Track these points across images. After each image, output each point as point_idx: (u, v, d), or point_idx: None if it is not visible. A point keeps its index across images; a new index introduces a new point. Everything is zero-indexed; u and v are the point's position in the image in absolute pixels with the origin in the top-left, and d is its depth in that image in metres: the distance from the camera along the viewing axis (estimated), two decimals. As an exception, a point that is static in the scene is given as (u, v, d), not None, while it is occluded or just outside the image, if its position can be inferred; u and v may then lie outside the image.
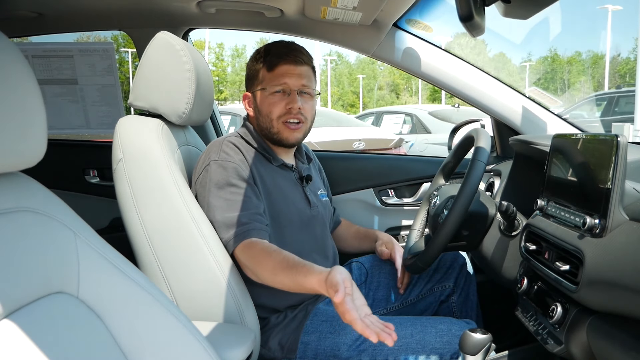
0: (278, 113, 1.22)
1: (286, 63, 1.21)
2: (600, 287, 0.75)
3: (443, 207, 1.20)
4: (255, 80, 1.26)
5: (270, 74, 1.22)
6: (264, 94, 1.23)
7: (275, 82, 1.21)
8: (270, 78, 1.22)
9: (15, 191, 0.61)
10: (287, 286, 1.00)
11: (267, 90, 1.22)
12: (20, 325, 0.55)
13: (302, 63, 1.23)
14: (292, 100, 1.21)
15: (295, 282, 0.97)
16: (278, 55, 1.22)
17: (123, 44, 23.28)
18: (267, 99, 1.22)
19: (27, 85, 0.58)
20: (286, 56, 1.22)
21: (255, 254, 1.05)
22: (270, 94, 1.22)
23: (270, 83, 1.22)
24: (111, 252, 0.69)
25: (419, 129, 7.19)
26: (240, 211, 1.09)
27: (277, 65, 1.21)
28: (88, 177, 1.92)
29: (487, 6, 0.84)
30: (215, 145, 1.19)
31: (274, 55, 1.22)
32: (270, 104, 1.22)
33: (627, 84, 27.22)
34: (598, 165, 0.81)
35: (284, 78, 1.21)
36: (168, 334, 0.70)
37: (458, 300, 1.38)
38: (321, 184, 1.44)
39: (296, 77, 1.22)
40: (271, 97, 1.22)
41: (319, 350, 1.10)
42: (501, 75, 9.87)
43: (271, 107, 1.22)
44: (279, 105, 1.21)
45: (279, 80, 1.21)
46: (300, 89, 1.23)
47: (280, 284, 1.01)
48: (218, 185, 1.12)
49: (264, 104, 1.23)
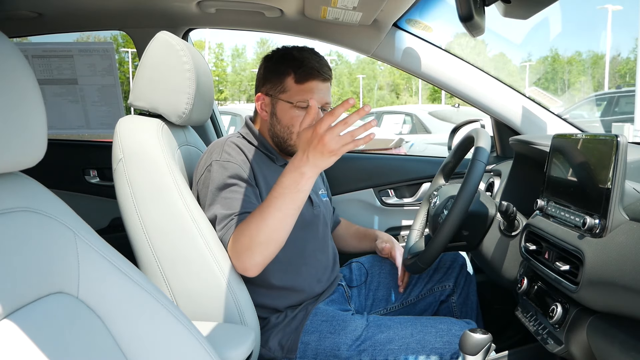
0: (299, 128, 1.21)
1: (317, 79, 1.20)
2: (600, 287, 0.75)
3: (443, 207, 1.20)
4: (279, 86, 1.21)
5: (299, 86, 1.19)
6: (286, 105, 1.21)
7: (303, 96, 1.19)
8: (297, 91, 1.19)
9: (15, 191, 0.61)
10: (281, 220, 0.99)
11: (293, 103, 1.20)
12: (20, 325, 0.55)
13: (328, 79, 1.23)
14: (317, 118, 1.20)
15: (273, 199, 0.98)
16: (310, 70, 1.19)
17: (123, 44, 23.29)
18: (290, 112, 1.20)
19: (27, 85, 0.58)
20: (317, 72, 1.19)
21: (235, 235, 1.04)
22: (295, 107, 1.20)
23: (297, 96, 1.19)
24: (111, 252, 0.69)
25: (419, 129, 7.20)
26: (237, 210, 1.10)
27: (308, 81, 1.19)
28: (88, 177, 1.92)
29: (487, 6, 0.84)
30: (217, 145, 1.18)
31: (306, 68, 1.19)
32: (293, 117, 1.20)
33: (627, 84, 27.23)
34: (598, 165, 0.81)
35: (313, 94, 1.19)
36: (168, 334, 0.70)
37: (458, 300, 1.38)
38: (321, 184, 1.44)
39: (323, 94, 1.21)
40: (295, 110, 1.20)
41: (319, 350, 1.10)
42: (501, 75, 9.85)
43: (294, 121, 1.20)
44: (301, 119, 1.19)
45: (306, 96, 1.19)
46: (323, 107, 1.22)
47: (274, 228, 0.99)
48: (219, 185, 1.12)
49: (286, 116, 1.21)
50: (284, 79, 1.21)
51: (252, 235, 1.01)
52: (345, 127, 0.90)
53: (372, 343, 1.08)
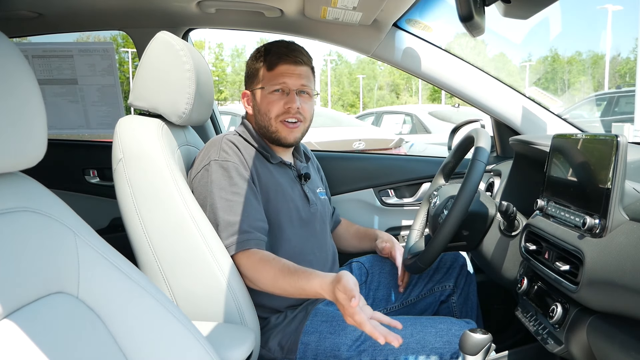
0: (276, 112, 1.22)
1: (286, 63, 1.22)
2: (600, 287, 0.75)
3: (443, 207, 1.20)
4: (255, 79, 1.26)
5: (270, 73, 1.23)
6: (263, 92, 1.24)
7: (274, 81, 1.22)
8: (269, 77, 1.23)
9: (15, 191, 0.61)
10: (288, 292, 1.03)
11: (267, 89, 1.23)
12: (20, 325, 0.55)
13: (302, 63, 1.24)
14: (291, 99, 1.22)
15: (297, 286, 1.00)
16: (278, 55, 1.23)
17: (123, 44, 23.28)
18: (266, 98, 1.23)
19: (27, 85, 0.58)
20: (286, 56, 1.22)
21: (254, 264, 1.08)
22: (269, 92, 1.23)
23: (270, 82, 1.23)
24: (111, 252, 0.69)
25: (419, 129, 7.19)
26: (242, 216, 1.10)
27: (277, 65, 1.22)
28: (88, 177, 1.92)
29: (487, 6, 0.84)
30: (214, 143, 1.19)
31: (274, 55, 1.23)
32: (269, 102, 1.23)
33: (627, 84, 27.22)
34: (598, 165, 0.81)
35: (284, 78, 1.22)
36: (168, 334, 0.70)
37: (458, 300, 1.38)
38: (320, 183, 1.44)
39: (295, 77, 1.23)
40: (270, 96, 1.23)
41: (319, 351, 1.10)
42: (501, 75, 9.85)
43: (270, 106, 1.23)
44: (277, 104, 1.22)
45: (278, 80, 1.22)
46: (300, 89, 1.23)
47: (281, 289, 1.04)
48: (219, 186, 1.12)
49: (263, 103, 1.24)
50: (258, 71, 1.25)
51: (259, 283, 1.08)
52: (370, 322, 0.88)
53: (372, 343, 1.08)
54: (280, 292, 1.05)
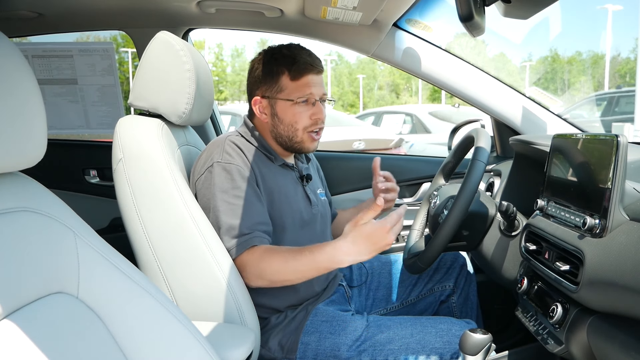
0: (304, 124, 1.21)
1: (311, 73, 1.20)
2: (601, 287, 0.75)
3: (443, 207, 1.20)
4: (275, 87, 1.21)
5: (295, 83, 1.20)
6: (286, 103, 1.20)
7: (301, 92, 1.19)
8: (294, 88, 1.20)
9: (15, 191, 0.61)
10: (300, 270, 1.04)
11: (293, 101, 1.20)
12: (20, 325, 0.55)
13: (321, 71, 1.24)
14: (319, 110, 1.22)
15: (309, 259, 1.02)
16: (304, 65, 1.20)
17: (123, 44, 23.27)
18: (292, 109, 1.20)
19: (27, 85, 0.58)
20: (311, 66, 1.20)
21: (260, 255, 1.07)
22: (295, 104, 1.20)
23: (296, 93, 1.19)
24: (111, 252, 0.69)
25: (419, 129, 7.19)
26: (242, 219, 1.10)
27: (303, 75, 1.20)
28: (88, 177, 1.92)
29: (487, 6, 0.84)
30: (217, 145, 1.18)
31: (300, 64, 1.19)
32: (296, 114, 1.20)
33: (627, 84, 27.20)
34: (598, 165, 0.81)
35: (310, 88, 1.20)
36: (168, 334, 0.70)
37: (458, 300, 1.38)
38: (320, 184, 1.44)
39: (319, 86, 1.22)
40: (297, 107, 1.20)
41: (319, 351, 1.10)
42: (501, 75, 9.84)
43: (296, 117, 1.20)
44: (304, 115, 1.20)
45: (305, 91, 1.19)
46: (322, 98, 1.23)
47: (293, 270, 1.04)
48: (222, 188, 1.11)
49: (288, 114, 1.21)
50: (279, 79, 1.20)
51: (268, 273, 1.07)
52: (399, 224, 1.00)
53: (372, 343, 1.08)
54: (293, 273, 1.04)
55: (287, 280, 1.06)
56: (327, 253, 1.02)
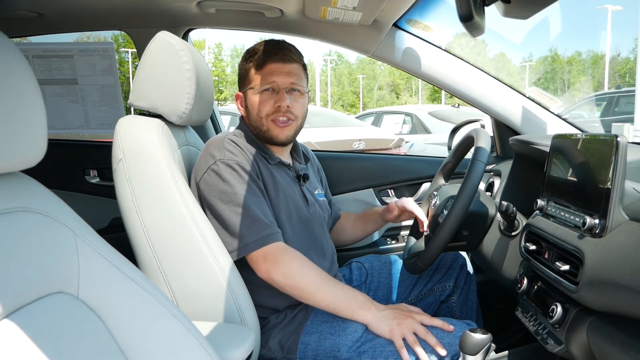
0: (267, 111, 1.22)
1: (274, 61, 1.22)
2: (600, 287, 0.75)
3: (443, 207, 1.20)
4: (245, 80, 1.27)
5: (259, 72, 1.23)
6: (253, 92, 1.24)
7: (263, 80, 1.22)
8: (259, 77, 1.23)
9: (15, 191, 0.61)
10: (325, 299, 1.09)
11: (257, 89, 1.23)
12: (20, 325, 0.55)
13: (291, 61, 1.23)
14: (281, 98, 1.22)
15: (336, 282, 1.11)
16: (266, 54, 1.22)
17: (123, 44, 23.28)
18: (256, 98, 1.23)
19: (27, 85, 0.58)
20: (274, 55, 1.22)
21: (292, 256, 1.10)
22: (259, 92, 1.23)
23: (259, 82, 1.23)
24: (111, 252, 0.69)
25: (419, 129, 7.19)
26: (260, 213, 1.11)
27: (266, 64, 1.22)
28: (88, 177, 1.92)
29: (487, 6, 0.84)
30: (216, 143, 1.18)
31: (262, 54, 1.23)
32: (260, 102, 1.23)
33: (627, 84, 27.22)
34: (598, 165, 0.81)
35: (273, 76, 1.22)
36: (168, 333, 0.70)
37: (458, 300, 1.38)
38: (319, 184, 1.44)
39: (285, 75, 1.22)
40: (260, 95, 1.23)
41: (319, 351, 1.10)
42: (501, 75, 9.84)
43: (260, 106, 1.23)
44: (267, 103, 1.22)
45: (267, 79, 1.22)
46: (290, 87, 1.23)
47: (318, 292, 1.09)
48: (229, 184, 1.11)
49: (254, 103, 1.24)
50: (248, 72, 1.25)
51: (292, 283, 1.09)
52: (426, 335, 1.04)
53: (373, 345, 1.08)
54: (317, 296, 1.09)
55: (301, 286, 1.08)
56: (358, 293, 1.11)
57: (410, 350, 1.04)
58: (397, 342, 1.04)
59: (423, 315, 1.09)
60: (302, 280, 1.09)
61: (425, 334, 1.04)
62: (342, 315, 1.09)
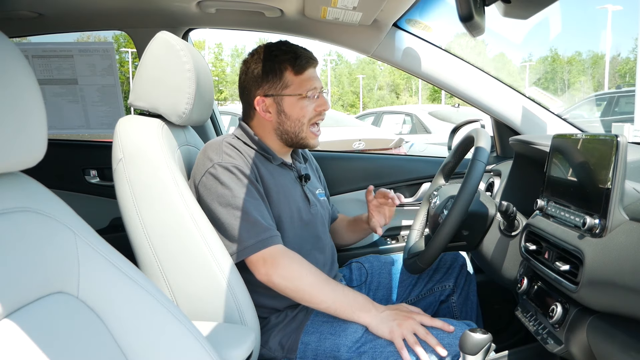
0: (310, 116, 1.23)
1: (312, 66, 1.24)
2: (600, 287, 0.75)
3: (443, 207, 1.20)
4: (279, 83, 1.21)
5: (299, 77, 1.21)
6: (294, 98, 1.22)
7: (305, 86, 1.21)
8: (299, 82, 1.21)
9: (15, 191, 0.61)
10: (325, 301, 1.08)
11: (301, 95, 1.21)
12: (20, 325, 0.55)
13: (317, 64, 1.28)
14: (324, 102, 1.25)
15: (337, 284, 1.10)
16: (306, 60, 1.22)
17: (124, 44, 23.29)
18: (299, 103, 1.22)
19: (27, 85, 0.58)
20: (311, 59, 1.23)
21: (292, 259, 1.10)
22: (303, 98, 1.22)
23: (302, 87, 1.21)
24: (111, 252, 0.69)
25: (419, 129, 7.20)
26: (258, 216, 1.11)
27: (306, 69, 1.22)
28: (88, 177, 1.93)
29: (487, 6, 0.84)
30: (214, 146, 1.17)
31: (302, 59, 1.21)
32: (303, 107, 1.22)
33: (627, 84, 27.22)
34: (598, 165, 0.81)
35: (313, 82, 1.23)
36: (168, 333, 0.70)
37: (458, 300, 1.38)
38: (318, 184, 1.44)
39: (318, 79, 1.26)
40: (304, 101, 1.22)
41: (319, 351, 1.10)
42: (501, 75, 9.85)
43: (304, 111, 1.22)
44: (309, 108, 1.23)
45: (309, 85, 1.22)
46: (321, 90, 1.26)
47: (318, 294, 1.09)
48: (227, 188, 1.11)
49: (295, 109, 1.22)
50: (283, 75, 1.21)
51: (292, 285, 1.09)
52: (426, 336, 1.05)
53: (373, 345, 1.08)
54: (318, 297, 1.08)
55: (300, 289, 1.08)
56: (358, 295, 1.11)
57: (410, 351, 1.04)
58: (398, 343, 1.03)
59: (423, 316, 1.08)
60: (302, 282, 1.08)
61: (426, 335, 1.04)
62: (342, 317, 1.09)
